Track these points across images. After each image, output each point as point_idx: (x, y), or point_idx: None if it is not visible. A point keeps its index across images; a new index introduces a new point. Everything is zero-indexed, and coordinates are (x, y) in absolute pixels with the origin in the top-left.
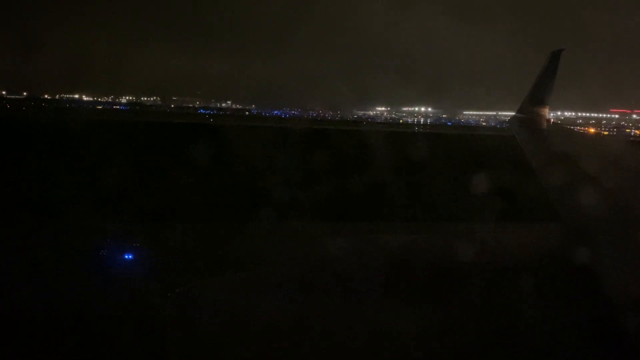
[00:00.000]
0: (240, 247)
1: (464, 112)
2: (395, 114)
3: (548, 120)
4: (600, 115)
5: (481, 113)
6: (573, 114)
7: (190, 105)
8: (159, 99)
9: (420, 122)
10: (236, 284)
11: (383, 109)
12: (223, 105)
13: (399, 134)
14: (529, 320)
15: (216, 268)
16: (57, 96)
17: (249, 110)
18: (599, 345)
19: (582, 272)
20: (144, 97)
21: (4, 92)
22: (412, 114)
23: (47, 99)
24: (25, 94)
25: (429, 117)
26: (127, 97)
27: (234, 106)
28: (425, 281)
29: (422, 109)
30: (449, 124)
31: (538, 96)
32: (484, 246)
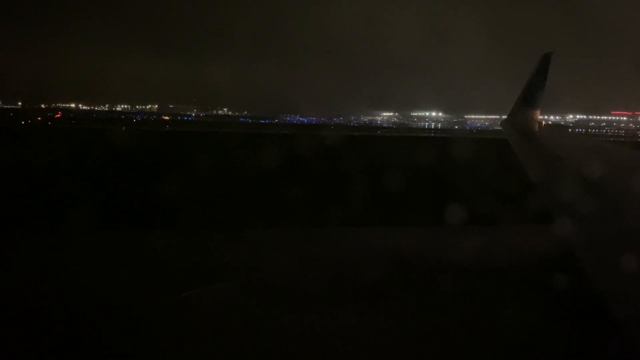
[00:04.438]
0: (238, 254)
1: (466, 116)
2: (403, 119)
3: (540, 123)
4: (610, 118)
5: (484, 117)
6: (584, 117)
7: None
8: (155, 106)
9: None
10: (233, 291)
11: (390, 114)
12: (219, 112)
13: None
14: (524, 327)
15: (213, 276)
16: (52, 105)
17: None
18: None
19: (578, 278)
20: (139, 106)
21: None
22: (422, 118)
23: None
24: (20, 103)
25: (440, 122)
26: (123, 106)
27: (230, 113)
28: (425, 286)
29: (433, 113)
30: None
31: (529, 99)
32: (482, 248)
